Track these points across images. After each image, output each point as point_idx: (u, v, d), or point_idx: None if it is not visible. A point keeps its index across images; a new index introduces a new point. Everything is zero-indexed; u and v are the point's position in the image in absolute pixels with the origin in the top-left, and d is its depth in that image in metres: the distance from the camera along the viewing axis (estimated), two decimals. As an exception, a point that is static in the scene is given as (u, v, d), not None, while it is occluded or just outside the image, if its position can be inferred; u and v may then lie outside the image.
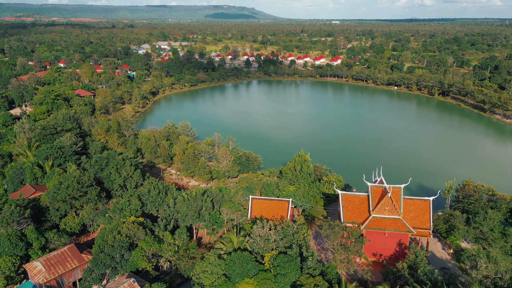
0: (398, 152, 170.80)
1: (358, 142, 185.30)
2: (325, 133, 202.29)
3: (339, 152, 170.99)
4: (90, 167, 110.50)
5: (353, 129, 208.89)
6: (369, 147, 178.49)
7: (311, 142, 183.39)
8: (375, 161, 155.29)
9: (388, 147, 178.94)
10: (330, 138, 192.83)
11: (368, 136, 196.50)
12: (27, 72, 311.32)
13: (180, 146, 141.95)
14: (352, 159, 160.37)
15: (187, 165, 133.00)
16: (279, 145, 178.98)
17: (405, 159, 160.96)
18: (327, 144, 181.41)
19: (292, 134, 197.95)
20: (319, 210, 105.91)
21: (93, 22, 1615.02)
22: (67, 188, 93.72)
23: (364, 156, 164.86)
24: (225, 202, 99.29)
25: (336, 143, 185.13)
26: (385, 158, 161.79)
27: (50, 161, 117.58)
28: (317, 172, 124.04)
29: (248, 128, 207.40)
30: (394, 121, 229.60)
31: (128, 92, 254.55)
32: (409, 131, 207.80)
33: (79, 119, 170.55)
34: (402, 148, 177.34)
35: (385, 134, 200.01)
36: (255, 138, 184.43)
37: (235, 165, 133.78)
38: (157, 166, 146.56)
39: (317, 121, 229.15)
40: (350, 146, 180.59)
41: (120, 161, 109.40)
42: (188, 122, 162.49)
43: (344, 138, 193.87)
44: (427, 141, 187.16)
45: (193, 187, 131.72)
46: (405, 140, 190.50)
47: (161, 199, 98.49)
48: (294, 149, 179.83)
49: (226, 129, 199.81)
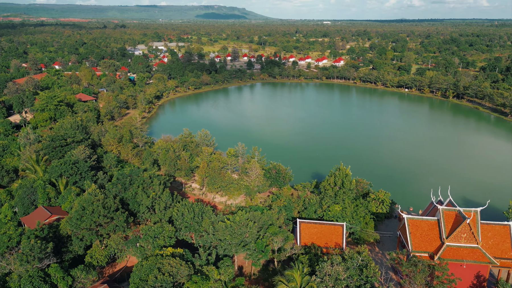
0: (430, 161, 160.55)
1: (382, 149, 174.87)
2: (344, 139, 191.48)
3: (365, 160, 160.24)
4: (113, 186, 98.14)
5: (373, 135, 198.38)
6: (396, 155, 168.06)
7: (331, 149, 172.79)
8: (407, 171, 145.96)
9: (415, 155, 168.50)
10: (351, 145, 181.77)
11: (392, 142, 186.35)
12: (22, 75, 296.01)
13: (204, 158, 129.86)
14: (380, 168, 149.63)
15: (213, 180, 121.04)
16: (298, 153, 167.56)
17: (441, 169, 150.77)
18: (349, 152, 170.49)
19: (310, 141, 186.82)
20: (370, 233, 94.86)
21: (83, 22, 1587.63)
22: (91, 214, 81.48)
23: (393, 164, 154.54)
24: (270, 227, 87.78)
25: (358, 150, 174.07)
26: (419, 168, 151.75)
27: (64, 179, 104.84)
28: (359, 187, 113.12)
29: (261, 134, 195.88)
30: (417, 126, 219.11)
31: (132, 97, 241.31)
32: (434, 136, 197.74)
33: (87, 128, 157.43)
34: (433, 156, 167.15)
35: (409, 141, 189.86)
36: (270, 145, 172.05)
37: (265, 178, 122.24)
38: (176, 179, 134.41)
39: (332, 126, 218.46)
40: (375, 153, 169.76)
41: (147, 180, 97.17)
42: (207, 130, 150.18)
43: (366, 145, 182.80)
44: (458, 148, 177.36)
45: (220, 204, 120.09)
46: (434, 146, 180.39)
47: (198, 223, 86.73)
48: (316, 158, 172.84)
49: (239, 135, 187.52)
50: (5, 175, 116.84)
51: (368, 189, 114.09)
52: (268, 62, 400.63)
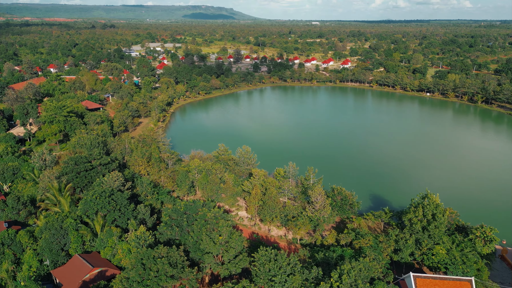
0: (497, 180, 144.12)
1: (425, 161, 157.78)
2: (381, 151, 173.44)
3: (406, 176, 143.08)
4: (166, 228, 78.61)
5: (411, 145, 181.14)
6: (441, 169, 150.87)
7: (366, 163, 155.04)
8: (471, 191, 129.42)
9: (477, 173, 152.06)
10: (391, 160, 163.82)
11: (432, 154, 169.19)
12: (17, 80, 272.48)
13: (255, 183, 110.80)
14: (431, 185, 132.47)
15: (271, 209, 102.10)
16: (336, 168, 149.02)
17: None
18: (390, 166, 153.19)
19: (343, 153, 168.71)
20: (489, 284, 77.13)
21: (70, 22, 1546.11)
22: (156, 275, 61.97)
23: (441, 181, 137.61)
24: (376, 285, 69.42)
25: (397, 164, 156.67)
26: (491, 192, 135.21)
27: (100, 218, 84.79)
28: (450, 220, 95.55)
29: (289, 145, 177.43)
30: (456, 135, 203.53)
31: (143, 104, 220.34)
32: (483, 147, 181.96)
33: (107, 144, 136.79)
34: (496, 173, 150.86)
35: (456, 153, 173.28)
36: (306, 157, 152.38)
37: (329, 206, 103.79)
38: (217, 205, 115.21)
39: (364, 135, 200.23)
40: (417, 168, 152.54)
41: (211, 220, 77.84)
42: (248, 147, 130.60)
43: (404, 158, 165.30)
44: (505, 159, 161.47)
45: (280, 240, 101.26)
46: (488, 160, 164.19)
47: (289, 283, 67.81)
48: (354, 175, 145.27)
49: (268, 148, 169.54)
50: (21, 208, 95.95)
51: (458, 221, 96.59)
52: (276, 65, 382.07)
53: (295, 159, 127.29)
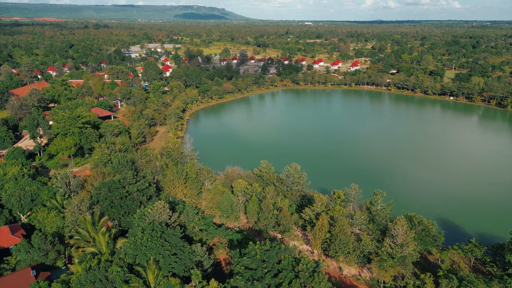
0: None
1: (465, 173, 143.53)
2: (424, 164, 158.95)
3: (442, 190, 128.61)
4: (244, 281, 62.49)
5: (444, 153, 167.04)
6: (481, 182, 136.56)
7: (410, 178, 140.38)
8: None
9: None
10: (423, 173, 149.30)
11: (467, 163, 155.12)
12: (17, 84, 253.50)
13: (318, 210, 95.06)
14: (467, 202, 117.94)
15: (343, 244, 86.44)
16: (378, 183, 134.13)
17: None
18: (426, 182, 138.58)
19: (382, 166, 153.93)
20: None
21: (61, 21, 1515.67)
22: None
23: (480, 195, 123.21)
24: None
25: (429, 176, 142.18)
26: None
27: (155, 269, 68.28)
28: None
29: (317, 155, 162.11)
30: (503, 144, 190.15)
31: (157, 111, 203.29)
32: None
33: (135, 161, 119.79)
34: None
35: (496, 164, 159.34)
36: (335, 172, 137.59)
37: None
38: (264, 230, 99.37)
39: (400, 144, 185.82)
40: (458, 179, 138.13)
41: (303, 274, 61.86)
42: (298, 165, 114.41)
43: (436, 167, 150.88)
44: None
45: (357, 281, 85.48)
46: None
47: None
48: (398, 190, 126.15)
49: (300, 160, 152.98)
50: (49, 249, 78.78)
51: None
52: (285, 67, 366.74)
53: (335, 173, 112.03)
